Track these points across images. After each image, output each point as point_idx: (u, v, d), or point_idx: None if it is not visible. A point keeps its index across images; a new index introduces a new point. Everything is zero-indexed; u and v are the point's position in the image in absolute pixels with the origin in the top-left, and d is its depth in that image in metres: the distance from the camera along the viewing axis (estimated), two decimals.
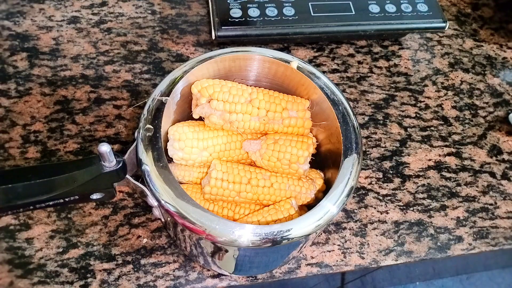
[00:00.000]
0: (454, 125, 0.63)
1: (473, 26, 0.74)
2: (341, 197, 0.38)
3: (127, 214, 0.50)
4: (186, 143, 0.41)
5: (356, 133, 0.41)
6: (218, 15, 0.59)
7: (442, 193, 0.57)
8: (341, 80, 0.64)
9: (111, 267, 0.47)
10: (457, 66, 0.69)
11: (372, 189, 0.56)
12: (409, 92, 0.65)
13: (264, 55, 0.44)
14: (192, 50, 0.63)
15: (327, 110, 0.43)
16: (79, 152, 0.53)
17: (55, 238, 0.48)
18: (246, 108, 0.42)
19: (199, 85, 0.42)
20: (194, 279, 0.48)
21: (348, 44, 0.68)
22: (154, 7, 0.67)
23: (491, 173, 0.60)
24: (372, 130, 0.61)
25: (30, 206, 0.36)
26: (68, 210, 0.50)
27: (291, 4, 0.61)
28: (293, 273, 0.49)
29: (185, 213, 0.35)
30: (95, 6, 0.65)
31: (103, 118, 0.56)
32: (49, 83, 0.58)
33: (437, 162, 0.59)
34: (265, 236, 0.35)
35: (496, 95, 0.67)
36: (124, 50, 0.62)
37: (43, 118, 0.55)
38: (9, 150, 0.53)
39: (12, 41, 0.60)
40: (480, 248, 0.54)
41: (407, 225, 0.54)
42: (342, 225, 0.53)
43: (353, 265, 0.51)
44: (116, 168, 0.37)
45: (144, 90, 0.59)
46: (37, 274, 0.46)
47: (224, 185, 0.41)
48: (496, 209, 0.57)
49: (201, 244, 0.41)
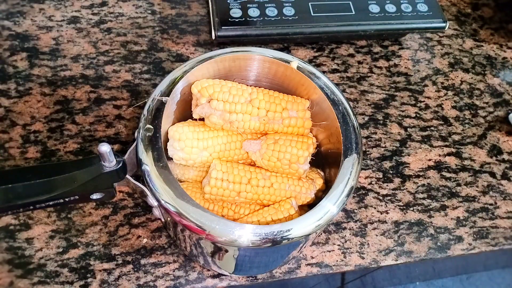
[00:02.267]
0: (454, 125, 0.63)
1: (473, 26, 0.74)
2: (341, 197, 0.38)
3: (127, 214, 0.50)
4: (186, 143, 0.41)
5: (356, 133, 0.41)
6: (218, 15, 0.59)
7: (442, 193, 0.57)
8: (341, 80, 0.64)
9: (111, 267, 0.47)
10: (457, 66, 0.69)
11: (372, 189, 0.56)
12: (409, 92, 0.65)
13: (264, 55, 0.44)
14: (192, 50, 0.63)
15: (327, 110, 0.43)
16: (79, 152, 0.53)
17: (55, 238, 0.48)
18: (246, 108, 0.42)
19: (199, 85, 0.42)
20: (194, 279, 0.48)
21: (348, 44, 0.68)
22: (154, 7, 0.67)
23: (491, 173, 0.60)
24: (372, 130, 0.61)
25: (30, 206, 0.36)
26: (68, 210, 0.50)
27: (291, 4, 0.61)
28: (293, 273, 0.49)
29: (185, 213, 0.35)
30: (95, 6, 0.65)
31: (103, 118, 0.56)
32: (49, 83, 0.58)
33: (437, 162, 0.59)
34: (265, 236, 0.35)
35: (496, 95, 0.67)
36: (124, 50, 0.62)
37: (43, 118, 0.55)
38: (9, 150, 0.53)
39: (12, 41, 0.60)
40: (480, 248, 0.54)
41: (407, 225, 0.54)
42: (342, 225, 0.53)
43: (353, 265, 0.51)
44: (116, 168, 0.37)
45: (144, 90, 0.59)
46: (37, 274, 0.46)
47: (224, 185, 0.41)
48: (496, 209, 0.57)
49: (201, 244, 0.41)
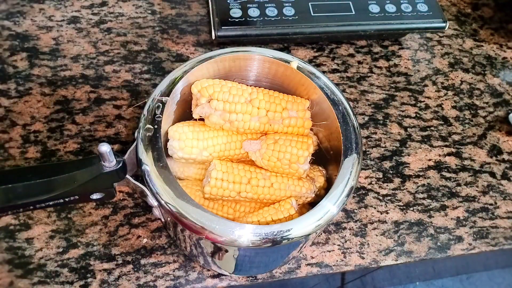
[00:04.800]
0: (454, 125, 0.63)
1: (473, 26, 0.74)
2: (341, 197, 0.38)
3: (127, 214, 0.50)
4: (186, 143, 0.41)
5: (356, 133, 0.41)
6: (218, 15, 0.59)
7: (442, 193, 0.57)
8: (341, 80, 0.64)
9: (111, 267, 0.47)
10: (457, 66, 0.69)
11: (372, 189, 0.56)
12: (409, 92, 0.65)
13: (264, 55, 0.44)
14: (192, 50, 0.63)
15: (327, 110, 0.43)
16: (79, 152, 0.53)
17: (55, 238, 0.48)
18: (246, 108, 0.42)
19: (199, 85, 0.42)
20: (194, 279, 0.48)
21: (348, 44, 0.68)
22: (154, 7, 0.67)
23: (491, 173, 0.60)
24: (372, 130, 0.61)
25: (30, 206, 0.36)
26: (68, 210, 0.50)
27: (291, 4, 0.61)
28: (293, 273, 0.49)
29: (185, 213, 0.35)
30: (95, 6, 0.65)
31: (103, 118, 0.56)
32: (49, 83, 0.58)
33: (437, 162, 0.59)
34: (265, 236, 0.35)
35: (496, 95, 0.67)
36: (124, 50, 0.62)
37: (43, 118, 0.55)
38: (9, 150, 0.53)
39: (12, 41, 0.60)
40: (480, 248, 0.54)
41: (407, 225, 0.54)
42: (342, 225, 0.53)
43: (353, 265, 0.51)
44: (116, 168, 0.37)
45: (144, 90, 0.59)
46: (37, 274, 0.46)
47: (224, 185, 0.41)
48: (496, 209, 0.57)
49: (201, 244, 0.41)
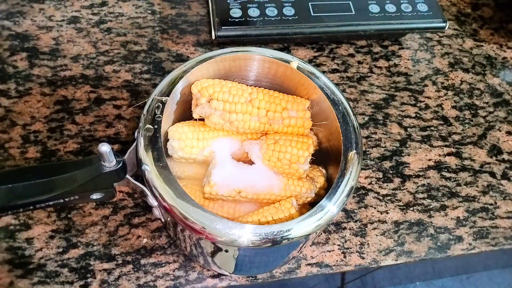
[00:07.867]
0: (454, 125, 0.63)
1: (473, 26, 0.74)
2: (341, 197, 0.38)
3: (127, 214, 0.50)
4: (186, 143, 0.41)
5: (356, 133, 0.41)
6: (218, 15, 0.59)
7: (442, 193, 0.57)
8: (341, 80, 0.64)
9: (111, 267, 0.47)
10: (457, 66, 0.69)
11: (372, 189, 0.56)
12: (409, 92, 0.65)
13: (264, 55, 0.44)
14: (192, 50, 0.63)
15: (327, 110, 0.43)
16: (79, 152, 0.53)
17: (55, 238, 0.48)
18: (246, 108, 0.42)
19: (199, 85, 0.42)
20: (194, 279, 0.48)
21: (348, 44, 0.68)
22: (154, 7, 0.67)
23: (491, 173, 0.60)
24: (372, 130, 0.61)
25: (30, 206, 0.36)
26: (68, 210, 0.50)
27: (291, 4, 0.61)
28: (293, 273, 0.49)
29: (185, 213, 0.35)
30: (95, 6, 0.65)
31: (103, 118, 0.56)
32: (49, 83, 0.58)
33: (437, 162, 0.59)
34: (265, 236, 0.35)
35: (496, 95, 0.67)
36: (124, 50, 0.62)
37: (43, 118, 0.55)
38: (9, 150, 0.53)
39: (12, 41, 0.60)
40: (480, 248, 0.54)
41: (407, 225, 0.54)
42: (342, 225, 0.53)
43: (353, 265, 0.51)
44: (116, 168, 0.37)
45: (144, 90, 0.59)
46: (37, 274, 0.46)
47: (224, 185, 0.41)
48: (496, 209, 0.57)
49: (201, 244, 0.41)
